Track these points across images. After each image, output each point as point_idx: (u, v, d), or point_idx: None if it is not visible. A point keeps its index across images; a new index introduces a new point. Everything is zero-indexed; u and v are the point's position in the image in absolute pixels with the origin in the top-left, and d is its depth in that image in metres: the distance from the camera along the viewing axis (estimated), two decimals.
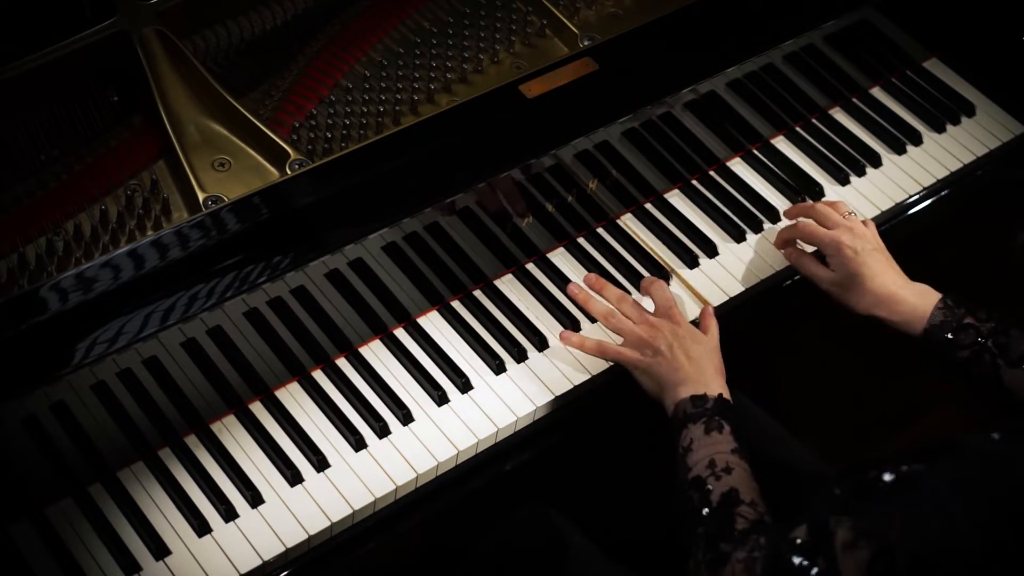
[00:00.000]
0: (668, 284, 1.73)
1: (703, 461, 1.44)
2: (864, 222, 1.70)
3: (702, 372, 1.55)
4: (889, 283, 1.63)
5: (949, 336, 1.58)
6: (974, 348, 1.56)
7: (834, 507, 1.14)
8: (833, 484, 1.16)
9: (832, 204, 1.73)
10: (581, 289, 1.70)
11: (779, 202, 1.85)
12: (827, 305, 1.69)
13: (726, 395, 1.53)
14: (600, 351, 1.63)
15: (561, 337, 1.66)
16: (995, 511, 1.06)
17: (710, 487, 1.41)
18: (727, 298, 1.74)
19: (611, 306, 1.67)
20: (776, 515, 1.38)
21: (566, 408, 1.63)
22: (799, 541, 1.16)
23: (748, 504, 1.38)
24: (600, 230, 1.80)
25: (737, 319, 1.74)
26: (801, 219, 1.72)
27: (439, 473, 1.56)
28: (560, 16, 1.83)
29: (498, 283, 1.73)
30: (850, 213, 1.71)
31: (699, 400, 1.51)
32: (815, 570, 1.13)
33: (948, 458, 1.11)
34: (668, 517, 1.48)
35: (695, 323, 1.64)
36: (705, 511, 1.39)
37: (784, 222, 1.81)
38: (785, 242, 1.74)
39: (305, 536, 1.47)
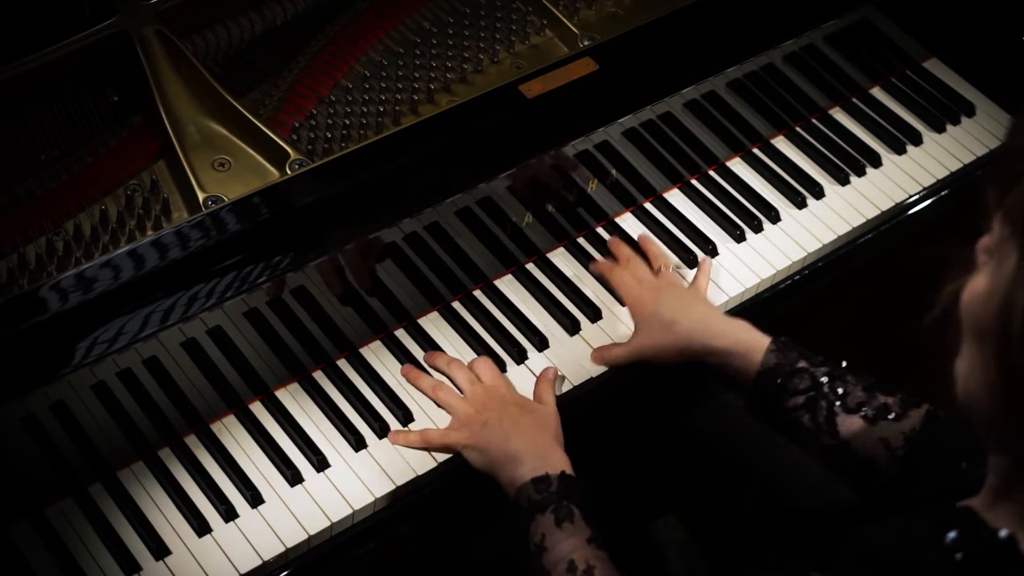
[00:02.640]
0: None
1: (561, 564, 1.36)
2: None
3: (537, 446, 1.47)
4: (696, 315, 1.57)
5: (781, 381, 1.47)
6: (808, 394, 1.46)
7: None
8: None
9: (653, 256, 1.70)
10: (411, 368, 1.62)
11: (779, 202, 1.85)
12: (828, 305, 1.69)
13: (568, 468, 1.45)
14: (424, 442, 1.54)
15: (389, 438, 1.56)
16: None
17: None
18: (727, 298, 1.74)
19: (439, 379, 1.61)
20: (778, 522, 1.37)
21: (562, 410, 1.63)
22: None
23: None
24: (600, 230, 1.80)
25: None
26: (616, 269, 1.69)
27: (439, 473, 1.56)
28: (560, 16, 1.83)
29: (498, 283, 1.73)
30: (668, 267, 1.68)
31: (542, 484, 1.42)
32: None
33: (847, 564, 1.04)
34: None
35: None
36: None
37: (783, 223, 1.82)
38: (593, 355, 1.66)
39: (305, 536, 1.47)
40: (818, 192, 1.87)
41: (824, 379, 1.46)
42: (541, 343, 1.66)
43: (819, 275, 1.83)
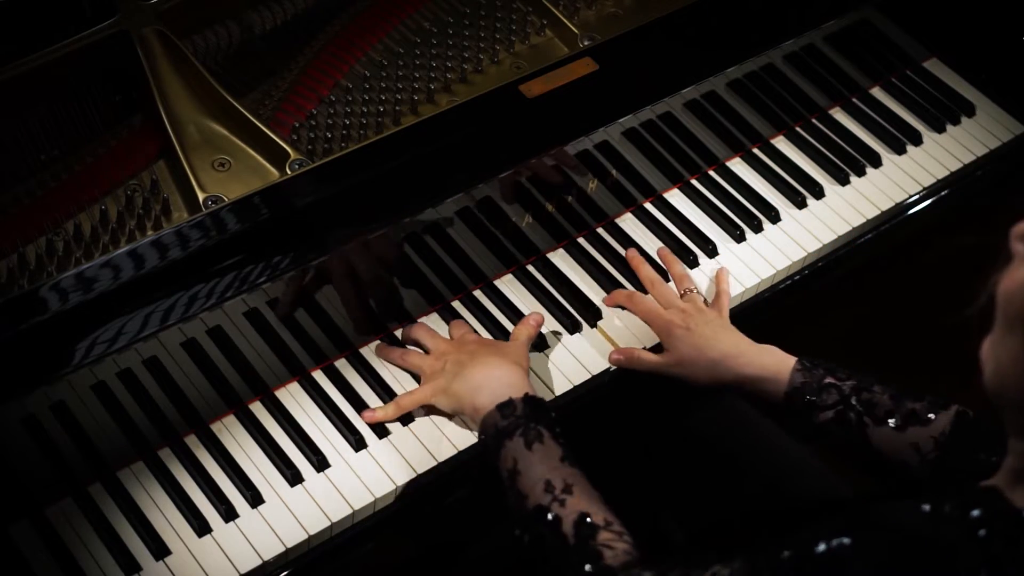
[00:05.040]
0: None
1: (538, 485, 1.35)
2: (706, 301, 1.67)
3: (498, 370, 1.48)
4: (726, 345, 1.57)
5: (810, 398, 1.50)
6: (837, 408, 1.48)
7: None
8: (755, 555, 1.09)
9: (678, 278, 1.70)
10: (382, 345, 1.63)
11: (779, 202, 1.85)
12: (828, 306, 1.69)
13: (530, 390, 1.46)
14: (398, 409, 1.56)
15: (363, 417, 1.57)
16: None
17: (558, 515, 1.32)
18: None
19: (407, 348, 1.62)
20: (778, 523, 1.37)
21: (562, 409, 1.63)
22: None
23: (604, 527, 1.30)
24: (600, 230, 1.80)
25: (736, 319, 1.74)
26: (636, 296, 1.68)
27: (440, 473, 1.56)
28: (560, 16, 1.83)
29: (498, 283, 1.73)
30: (692, 291, 1.68)
31: (506, 408, 1.43)
32: None
33: (874, 532, 1.05)
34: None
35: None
36: (565, 548, 1.30)
37: (783, 223, 1.82)
38: (615, 354, 1.65)
39: (305, 536, 1.47)
40: (818, 192, 1.87)
41: (850, 392, 1.48)
42: (541, 343, 1.66)
43: (819, 275, 1.83)
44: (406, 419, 1.58)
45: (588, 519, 1.31)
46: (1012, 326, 0.99)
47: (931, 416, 1.45)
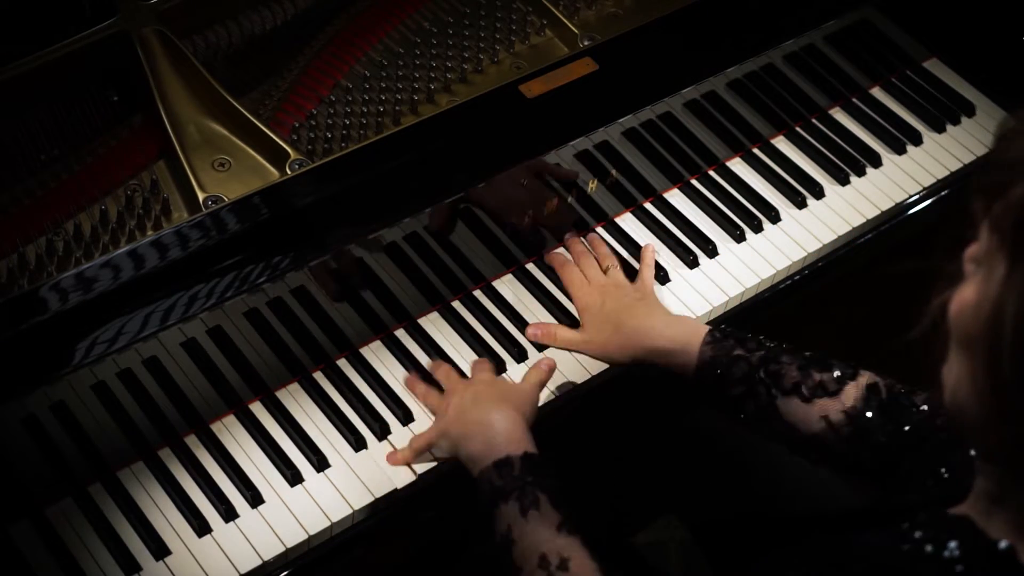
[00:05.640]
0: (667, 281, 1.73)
1: (532, 558, 1.30)
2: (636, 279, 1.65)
3: (497, 416, 1.42)
4: (639, 319, 1.54)
5: (720, 371, 1.46)
6: (747, 382, 1.45)
7: None
8: None
9: (602, 256, 1.69)
10: (411, 378, 1.60)
11: (779, 202, 1.85)
12: (828, 305, 1.69)
13: (530, 448, 1.39)
14: (414, 452, 1.52)
15: (388, 462, 1.54)
16: None
17: None
18: (727, 298, 1.74)
19: (429, 387, 1.58)
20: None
21: (544, 419, 1.63)
22: None
23: None
24: (600, 230, 1.80)
25: (737, 319, 1.74)
26: (567, 267, 1.68)
27: (439, 473, 1.56)
28: (560, 16, 1.83)
29: (498, 283, 1.73)
30: (615, 267, 1.66)
31: (504, 467, 1.36)
32: None
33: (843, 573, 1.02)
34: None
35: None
36: None
37: (783, 223, 1.82)
38: (532, 328, 1.65)
39: (305, 536, 1.47)
40: (818, 192, 1.87)
41: (758, 363, 1.45)
42: (541, 343, 1.66)
43: (819, 275, 1.83)
44: (407, 420, 1.58)
45: None
46: (961, 347, 0.97)
47: (839, 387, 1.42)
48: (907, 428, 1.38)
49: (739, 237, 1.81)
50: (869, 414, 1.41)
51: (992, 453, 1.01)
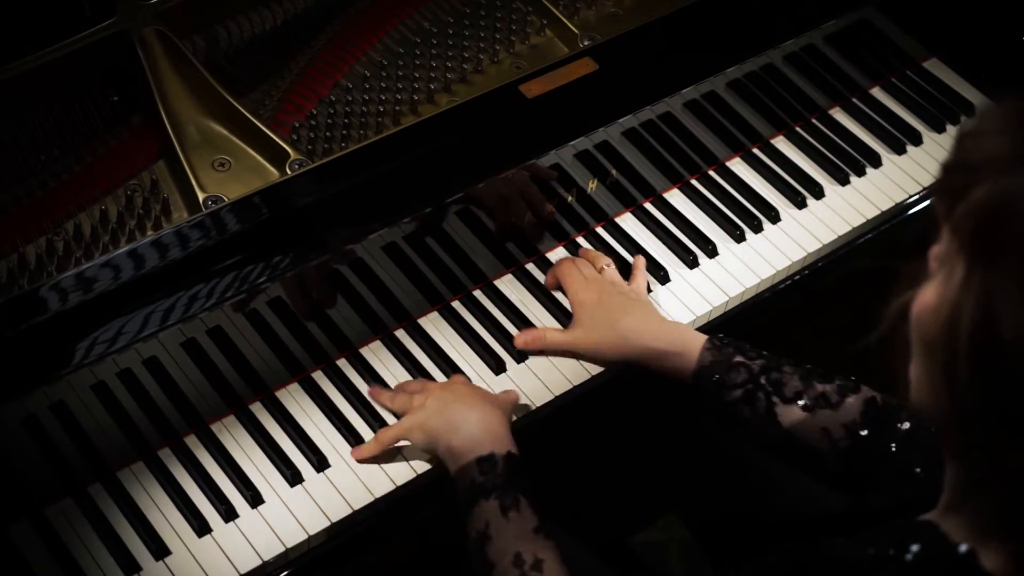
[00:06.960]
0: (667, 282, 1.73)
1: (507, 556, 1.31)
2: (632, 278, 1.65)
3: (480, 413, 1.43)
4: (634, 319, 1.56)
5: (719, 377, 1.47)
6: (746, 387, 1.46)
7: None
8: None
9: (594, 257, 1.69)
10: (374, 388, 1.58)
11: (779, 202, 1.85)
12: (828, 306, 1.69)
13: (513, 448, 1.40)
14: (380, 444, 1.50)
15: (353, 456, 1.52)
16: None
17: None
18: (727, 298, 1.74)
19: (396, 392, 1.57)
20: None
21: (545, 420, 1.63)
22: None
23: None
24: (600, 230, 1.80)
25: (737, 319, 1.74)
26: (563, 264, 1.68)
27: (439, 472, 1.56)
28: (560, 16, 1.83)
29: (498, 283, 1.73)
30: (610, 267, 1.67)
31: (486, 464, 1.37)
32: None
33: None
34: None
35: None
36: None
37: (783, 223, 1.82)
38: (520, 337, 1.63)
39: (305, 536, 1.47)
40: (818, 192, 1.87)
41: (760, 371, 1.47)
42: None
43: (819, 275, 1.83)
44: None
45: None
46: (920, 350, 0.97)
47: (840, 399, 1.44)
48: (894, 446, 1.40)
49: (739, 237, 1.81)
50: (864, 432, 1.42)
51: (952, 455, 1.01)
